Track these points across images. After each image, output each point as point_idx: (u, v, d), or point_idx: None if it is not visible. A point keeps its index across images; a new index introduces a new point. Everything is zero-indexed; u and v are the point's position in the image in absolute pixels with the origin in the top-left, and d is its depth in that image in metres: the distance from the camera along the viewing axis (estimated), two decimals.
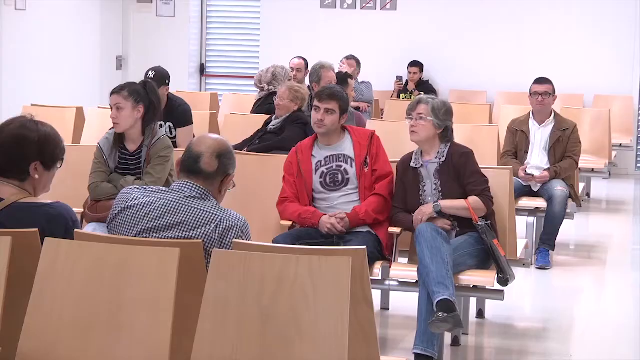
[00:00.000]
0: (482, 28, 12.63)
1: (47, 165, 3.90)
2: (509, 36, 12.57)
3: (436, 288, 4.93)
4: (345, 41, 12.68)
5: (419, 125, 5.58)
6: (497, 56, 12.61)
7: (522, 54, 12.51)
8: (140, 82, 5.88)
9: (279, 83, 8.71)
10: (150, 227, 3.90)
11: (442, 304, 4.88)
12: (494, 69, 12.58)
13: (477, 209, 5.42)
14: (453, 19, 12.69)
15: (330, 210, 5.58)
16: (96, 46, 12.80)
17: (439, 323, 4.85)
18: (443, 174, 5.55)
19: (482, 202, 5.45)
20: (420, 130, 5.58)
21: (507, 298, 5.47)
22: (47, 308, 3.44)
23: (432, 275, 4.98)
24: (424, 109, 5.59)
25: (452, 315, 4.85)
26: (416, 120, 5.59)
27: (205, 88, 13.92)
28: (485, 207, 5.45)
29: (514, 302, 6.47)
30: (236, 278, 3.41)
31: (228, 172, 4.02)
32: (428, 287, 4.99)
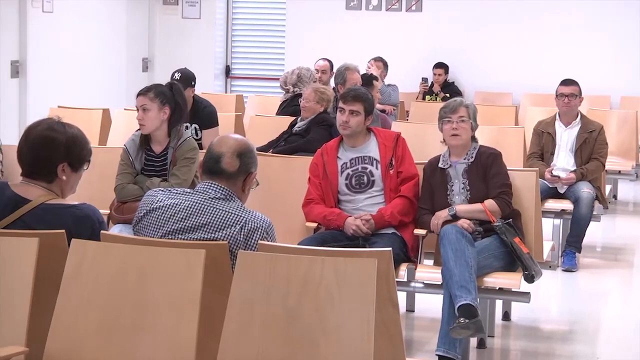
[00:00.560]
0: (508, 29, 12.59)
1: (74, 167, 3.92)
2: (535, 37, 12.52)
3: (458, 292, 4.92)
4: (370, 43, 12.67)
5: (461, 128, 5.59)
6: (523, 57, 12.56)
7: (548, 55, 12.46)
8: (166, 84, 5.90)
9: (304, 85, 8.72)
10: (176, 229, 3.91)
11: (464, 309, 4.86)
12: (520, 71, 12.53)
13: (493, 212, 5.42)
14: (478, 20, 12.66)
15: (356, 212, 5.57)
16: (122, 48, 12.85)
17: (460, 329, 4.84)
18: (471, 173, 5.56)
19: (497, 204, 5.45)
20: (463, 133, 5.60)
21: (533, 300, 5.44)
22: (74, 309, 3.46)
23: (455, 278, 4.97)
24: (464, 112, 5.61)
25: (474, 321, 4.83)
26: (458, 124, 5.59)
27: (231, 90, 13.94)
28: (500, 209, 5.45)
29: (540, 305, 6.45)
30: (261, 279, 3.42)
31: (250, 171, 4.03)
32: (450, 291, 4.98)
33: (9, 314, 3.43)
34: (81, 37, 11.82)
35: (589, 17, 12.37)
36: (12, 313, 3.42)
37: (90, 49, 11.99)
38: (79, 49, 11.73)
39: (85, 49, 11.89)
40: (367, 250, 4.52)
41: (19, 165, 3.94)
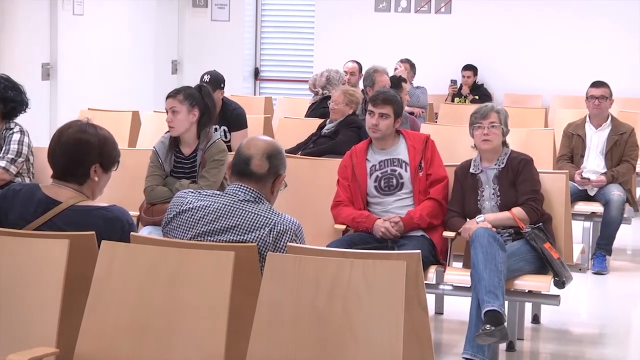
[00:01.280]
0: (537, 31, 12.53)
1: (106, 168, 3.95)
2: (564, 39, 12.45)
3: (486, 297, 4.90)
4: (399, 45, 12.65)
5: (492, 134, 5.58)
6: (552, 59, 12.50)
7: (578, 57, 12.39)
8: (195, 86, 5.92)
9: (333, 87, 8.72)
10: (205, 231, 3.92)
11: (490, 316, 4.85)
12: (550, 72, 12.47)
13: (522, 219, 5.41)
14: (508, 22, 12.61)
15: (385, 214, 5.57)
16: (152, 50, 12.90)
17: (486, 336, 4.82)
18: (502, 179, 5.54)
19: (525, 211, 5.43)
20: (495, 139, 5.58)
21: (563, 303, 5.42)
22: (104, 310, 3.48)
23: (484, 283, 4.95)
24: (495, 117, 5.59)
25: (499, 328, 4.82)
26: (489, 129, 5.58)
27: (260, 92, 13.96)
28: (528, 216, 5.43)
29: (569, 308, 6.41)
30: (290, 281, 3.42)
31: (279, 173, 4.03)
32: (478, 295, 4.97)
33: (39, 315, 3.45)
34: (111, 39, 11.87)
35: (620, 18, 12.29)
36: (43, 314, 3.44)
37: (120, 51, 12.04)
38: (108, 51, 11.79)
39: (115, 51, 11.94)
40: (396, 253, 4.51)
41: (50, 167, 3.96)
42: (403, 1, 13.02)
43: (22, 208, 3.86)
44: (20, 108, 6.10)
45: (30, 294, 3.51)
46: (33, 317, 3.47)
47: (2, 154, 5.94)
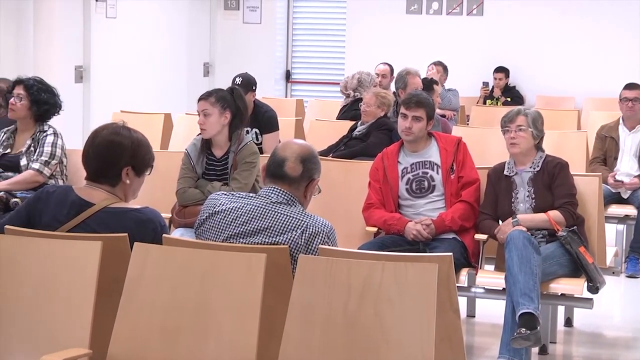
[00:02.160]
0: (570, 33, 12.46)
1: (138, 171, 3.96)
2: (598, 40, 12.37)
3: (521, 299, 4.88)
4: (431, 47, 12.62)
5: (519, 137, 5.55)
6: (585, 61, 12.42)
7: (611, 59, 12.31)
8: (227, 89, 5.93)
9: (365, 89, 8.71)
10: (237, 233, 3.93)
11: (525, 319, 4.82)
12: (582, 75, 12.39)
13: (558, 222, 5.38)
14: (540, 23, 12.55)
15: (416, 216, 5.56)
16: (184, 53, 12.95)
17: (521, 340, 4.80)
18: (537, 182, 5.51)
19: (562, 214, 5.40)
20: (521, 142, 5.55)
21: (596, 306, 5.38)
22: (136, 312, 3.49)
23: (519, 285, 4.93)
24: (523, 121, 5.56)
25: (534, 332, 4.79)
26: (516, 132, 5.55)
27: (291, 94, 13.98)
28: (565, 219, 5.39)
29: (602, 311, 6.37)
30: (322, 284, 3.42)
31: (313, 177, 4.03)
32: (513, 297, 4.94)
33: (73, 317, 3.47)
34: (143, 42, 11.93)
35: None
36: (76, 315, 3.46)
37: (152, 54, 12.10)
38: (141, 54, 11.85)
39: (148, 54, 12.00)
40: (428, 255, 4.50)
41: (84, 169, 3.99)
42: (435, 3, 12.99)
43: (55, 210, 3.89)
44: (53, 110, 6.15)
45: (64, 296, 3.53)
46: (66, 318, 3.49)
47: (35, 156, 5.99)
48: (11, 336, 3.56)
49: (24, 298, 3.58)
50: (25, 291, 3.59)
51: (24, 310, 3.56)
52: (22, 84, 6.10)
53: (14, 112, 6.08)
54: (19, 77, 6.20)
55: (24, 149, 6.04)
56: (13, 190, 5.88)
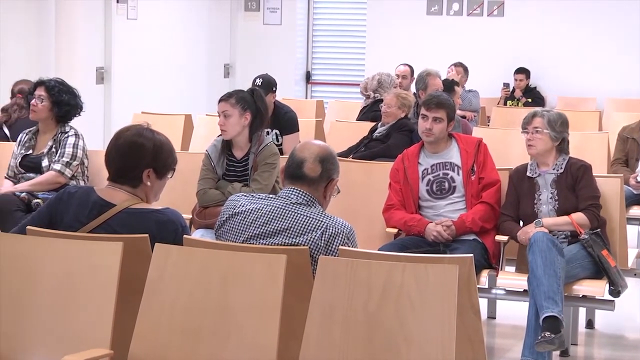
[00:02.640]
0: (591, 33, 12.40)
1: (159, 174, 3.97)
2: (619, 41, 12.31)
3: (545, 303, 4.86)
4: (452, 48, 12.60)
5: (535, 139, 5.53)
6: (606, 62, 12.36)
7: (632, 60, 12.24)
8: (247, 90, 5.93)
9: (385, 90, 8.71)
10: (258, 234, 3.94)
11: (549, 322, 4.80)
12: (604, 75, 12.33)
13: (582, 224, 5.35)
14: (561, 24, 12.50)
15: (437, 218, 5.55)
16: (204, 54, 12.98)
17: (546, 344, 4.78)
18: (560, 184, 5.49)
19: (587, 217, 5.37)
20: (538, 144, 5.53)
21: (618, 308, 5.36)
22: (157, 312, 3.50)
23: (543, 288, 4.90)
24: (539, 122, 5.54)
25: (558, 335, 4.77)
26: (532, 134, 5.53)
27: (311, 95, 13.98)
28: (589, 222, 5.37)
29: (624, 313, 6.33)
30: (342, 285, 3.42)
31: (332, 177, 4.03)
32: (536, 300, 4.92)
33: (94, 317, 3.49)
34: (164, 43, 11.96)
35: None
36: (98, 316, 3.47)
37: (173, 55, 12.13)
38: (162, 55, 11.88)
39: (168, 55, 12.03)
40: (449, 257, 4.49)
41: (106, 169, 4.00)
42: (455, 4, 12.97)
43: (77, 210, 3.90)
44: (74, 111, 6.17)
45: (85, 296, 3.55)
46: (88, 318, 3.50)
47: (57, 157, 6.01)
48: (33, 336, 3.57)
49: (46, 298, 3.60)
50: (47, 292, 3.61)
51: (46, 311, 3.58)
52: (43, 85, 6.13)
53: (35, 113, 6.11)
54: (40, 79, 6.23)
55: (46, 150, 6.07)
56: (34, 191, 5.91)
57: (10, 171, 6.13)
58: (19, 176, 6.09)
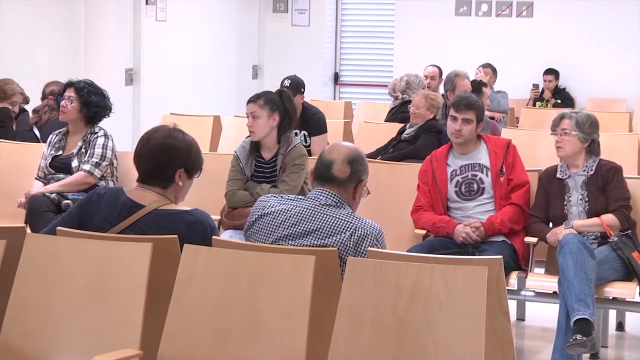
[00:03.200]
0: (620, 33, 12.33)
1: (190, 173, 4.01)
2: None
3: (577, 305, 4.83)
4: (480, 49, 12.56)
5: (564, 141, 5.50)
6: (637, 62, 12.27)
7: None
8: (276, 91, 5.94)
9: (413, 91, 8.69)
10: (286, 235, 3.94)
11: (581, 325, 4.77)
12: (634, 76, 12.25)
13: (612, 226, 5.31)
14: (590, 25, 12.43)
15: (465, 219, 5.53)
16: (233, 56, 13.01)
17: (578, 347, 4.75)
18: (590, 186, 5.45)
19: (617, 218, 5.34)
20: (566, 145, 5.50)
21: None
22: (186, 313, 3.51)
23: (574, 290, 4.88)
24: (567, 124, 5.51)
25: (590, 338, 4.75)
26: (561, 136, 5.51)
27: (339, 97, 13.98)
28: (619, 223, 5.33)
29: None
30: (371, 286, 3.42)
31: (361, 178, 4.03)
32: (567, 302, 4.89)
33: (124, 318, 3.50)
34: (193, 45, 12.00)
35: None
36: (127, 316, 3.49)
37: (201, 56, 12.17)
38: (190, 56, 11.92)
39: (197, 56, 12.07)
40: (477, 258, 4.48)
41: (137, 171, 4.02)
42: (484, 5, 12.93)
43: (106, 211, 3.92)
44: (103, 112, 6.20)
45: (115, 297, 3.56)
46: (117, 319, 3.52)
47: (86, 158, 6.04)
48: (64, 336, 3.59)
49: (76, 299, 3.62)
50: (77, 292, 3.63)
51: (76, 311, 3.60)
52: (72, 87, 6.16)
53: (64, 114, 6.15)
54: (70, 80, 6.27)
55: (75, 150, 6.10)
56: (64, 192, 5.94)
57: (41, 172, 6.17)
58: (49, 177, 6.12)
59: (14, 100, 7.54)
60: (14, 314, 3.64)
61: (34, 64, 9.62)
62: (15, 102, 7.55)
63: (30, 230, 5.19)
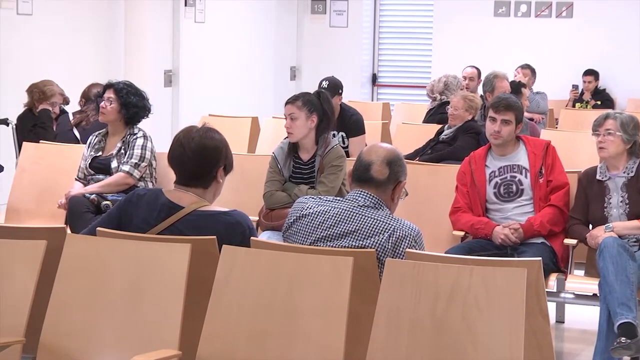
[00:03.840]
0: None
1: (227, 171, 4.04)
2: None
3: (619, 309, 4.78)
4: (519, 50, 12.50)
5: (607, 141, 5.45)
6: None
7: None
8: (314, 92, 5.94)
9: (451, 92, 8.67)
10: (324, 236, 3.94)
11: (625, 328, 4.73)
12: None
13: None
14: (630, 25, 12.32)
15: (504, 221, 5.50)
16: (271, 57, 13.04)
17: (622, 349, 4.71)
18: (631, 187, 5.40)
19: None
20: (609, 146, 5.45)
21: None
22: (225, 314, 3.53)
23: (616, 295, 4.83)
24: (612, 125, 5.46)
25: (635, 341, 4.70)
26: (604, 136, 5.46)
27: (377, 98, 13.97)
28: None
29: None
30: (409, 288, 3.41)
31: (399, 179, 4.03)
32: (610, 307, 4.84)
33: (163, 318, 3.52)
34: (231, 46, 12.04)
35: None
36: (166, 317, 3.51)
37: (239, 58, 12.21)
38: (229, 58, 11.96)
39: (235, 58, 12.11)
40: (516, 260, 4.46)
41: (175, 173, 4.04)
42: (523, 5, 12.86)
43: (146, 212, 3.95)
44: (142, 113, 6.24)
45: (154, 297, 3.58)
46: (157, 319, 3.54)
47: (125, 159, 6.08)
48: (104, 336, 3.62)
49: (116, 299, 3.64)
50: (116, 293, 3.65)
51: (116, 311, 3.62)
52: (112, 88, 6.20)
53: (104, 115, 6.19)
54: (109, 81, 6.31)
55: (115, 151, 6.14)
56: (104, 192, 5.98)
57: (81, 173, 6.21)
58: (88, 178, 6.16)
59: (54, 101, 7.60)
60: (54, 314, 3.67)
61: (74, 66, 9.70)
62: (55, 102, 7.61)
63: (70, 230, 5.23)
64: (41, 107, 7.52)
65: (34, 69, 8.45)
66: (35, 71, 8.07)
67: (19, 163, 6.68)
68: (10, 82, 8.56)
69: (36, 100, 7.59)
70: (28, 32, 9.24)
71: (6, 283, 3.75)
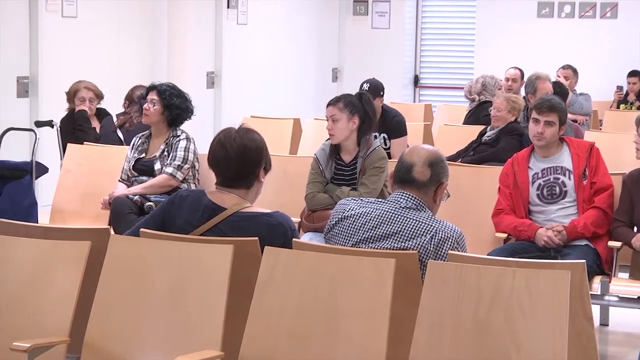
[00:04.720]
0: None
1: (267, 170, 4.06)
2: None
3: None
4: (562, 51, 12.41)
5: None
6: None
7: None
8: (355, 94, 5.95)
9: (489, 93, 8.64)
10: (366, 237, 3.94)
11: None
12: None
13: None
14: None
15: (547, 223, 5.47)
16: (313, 59, 13.06)
17: None
18: None
19: None
20: None
21: None
22: (267, 315, 3.54)
23: None
24: None
25: None
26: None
27: (419, 99, 13.94)
28: None
29: None
30: (452, 290, 3.40)
31: (441, 181, 4.02)
32: None
33: (206, 319, 3.54)
34: (273, 48, 12.08)
35: None
36: (209, 318, 3.53)
37: (281, 59, 12.24)
38: (271, 59, 12.00)
39: (277, 59, 12.14)
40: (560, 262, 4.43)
41: (216, 174, 4.06)
42: (567, 6, 12.78)
43: (189, 214, 3.97)
44: (185, 115, 6.27)
45: (197, 298, 3.60)
46: (199, 320, 3.55)
47: (169, 161, 6.11)
48: (147, 337, 3.64)
49: (159, 300, 3.67)
50: (160, 293, 3.68)
51: (159, 312, 3.65)
52: (155, 90, 6.24)
53: (147, 117, 6.23)
54: (153, 83, 6.35)
55: (158, 153, 6.18)
56: (147, 194, 6.02)
57: (124, 174, 6.26)
58: (132, 179, 6.21)
59: (82, 96, 7.51)
60: (98, 315, 3.70)
61: (118, 68, 9.77)
62: (84, 97, 7.53)
63: (113, 231, 5.27)
64: (77, 108, 7.54)
65: (78, 71, 8.51)
66: (79, 74, 8.13)
67: (64, 164, 6.74)
68: (55, 85, 8.63)
69: (69, 101, 7.63)
70: (72, 34, 9.32)
71: (51, 283, 3.79)
